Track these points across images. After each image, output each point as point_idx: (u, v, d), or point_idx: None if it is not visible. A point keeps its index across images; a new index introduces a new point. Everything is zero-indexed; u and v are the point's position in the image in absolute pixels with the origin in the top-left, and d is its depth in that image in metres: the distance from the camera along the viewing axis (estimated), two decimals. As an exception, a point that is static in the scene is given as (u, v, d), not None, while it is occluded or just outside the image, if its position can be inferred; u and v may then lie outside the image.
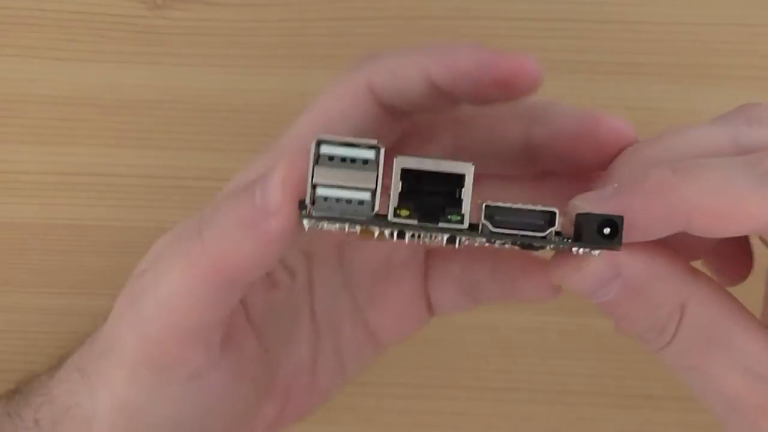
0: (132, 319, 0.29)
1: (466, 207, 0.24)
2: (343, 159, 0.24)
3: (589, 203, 0.25)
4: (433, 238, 0.26)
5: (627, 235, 0.25)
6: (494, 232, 0.25)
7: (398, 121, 0.31)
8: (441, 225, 0.24)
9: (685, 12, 0.42)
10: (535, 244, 0.25)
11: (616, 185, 0.26)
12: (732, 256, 0.31)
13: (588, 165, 0.30)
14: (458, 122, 0.32)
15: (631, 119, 0.42)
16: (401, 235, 0.26)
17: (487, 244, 0.26)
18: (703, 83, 0.42)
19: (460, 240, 0.25)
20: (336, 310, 0.34)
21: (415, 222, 0.24)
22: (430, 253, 0.34)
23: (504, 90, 0.29)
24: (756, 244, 0.30)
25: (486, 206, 0.25)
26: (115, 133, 0.43)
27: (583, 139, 0.30)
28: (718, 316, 0.26)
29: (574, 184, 0.30)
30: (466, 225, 0.24)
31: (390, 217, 0.24)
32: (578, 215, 0.25)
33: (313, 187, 0.24)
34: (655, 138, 0.28)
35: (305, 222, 0.25)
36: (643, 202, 0.25)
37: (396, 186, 0.24)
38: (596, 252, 0.25)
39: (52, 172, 0.43)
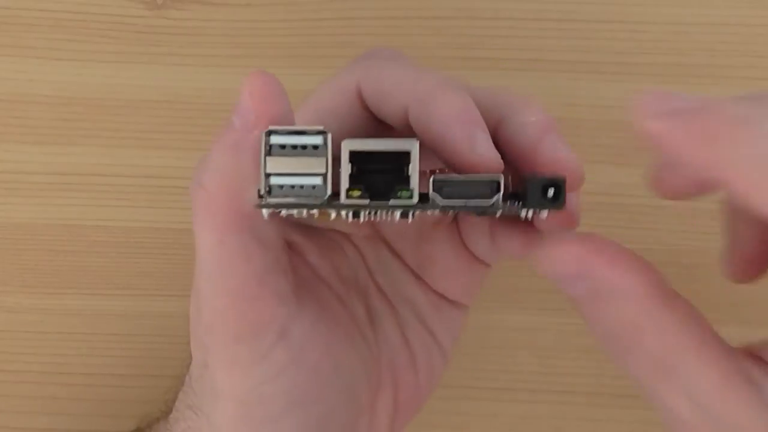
0: (199, 304, 0.29)
1: (414, 183, 0.25)
2: (294, 146, 0.25)
3: (647, 105, 0.25)
4: (387, 214, 0.27)
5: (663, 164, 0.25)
6: (444, 205, 0.26)
7: (386, 125, 0.31)
8: (392, 202, 0.25)
9: (685, 12, 0.42)
10: (485, 210, 0.26)
11: (700, 104, 0.24)
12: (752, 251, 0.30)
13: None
14: None
15: (631, 119, 0.42)
16: (356, 215, 0.27)
17: (438, 213, 0.27)
18: (703, 83, 0.42)
19: (413, 213, 0.26)
20: (399, 281, 0.34)
21: (366, 201, 0.25)
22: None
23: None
24: None
25: (434, 180, 0.25)
26: (115, 133, 0.43)
27: (528, 157, 0.29)
28: (674, 348, 0.26)
29: None
30: (415, 200, 0.25)
31: (342, 198, 0.25)
32: (526, 177, 0.26)
33: (267, 176, 0.25)
34: None
35: (264, 211, 0.26)
36: (692, 140, 0.23)
37: (345, 168, 0.25)
38: (544, 214, 0.26)
39: (52, 172, 0.43)
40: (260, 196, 0.26)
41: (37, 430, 0.45)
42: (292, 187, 0.25)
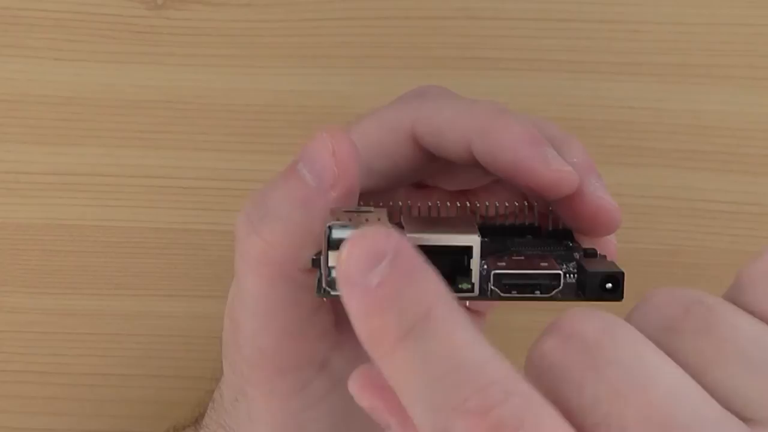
0: (238, 337, 0.29)
1: (475, 276, 0.25)
2: None
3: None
4: None
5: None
6: (504, 296, 0.26)
7: (442, 160, 0.31)
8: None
9: (685, 12, 0.42)
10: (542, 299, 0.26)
11: None
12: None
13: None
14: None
15: (631, 119, 0.42)
16: None
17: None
18: (703, 83, 0.42)
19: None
20: None
21: None
22: None
23: (543, 195, 0.28)
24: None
25: (495, 274, 0.26)
26: (115, 133, 0.43)
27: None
28: None
29: None
30: (476, 292, 0.25)
31: None
32: (582, 271, 0.26)
33: (329, 268, 0.25)
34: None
35: (323, 298, 0.26)
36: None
37: None
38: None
39: (52, 172, 0.43)
40: (322, 288, 0.25)
41: (37, 430, 0.45)
42: None
